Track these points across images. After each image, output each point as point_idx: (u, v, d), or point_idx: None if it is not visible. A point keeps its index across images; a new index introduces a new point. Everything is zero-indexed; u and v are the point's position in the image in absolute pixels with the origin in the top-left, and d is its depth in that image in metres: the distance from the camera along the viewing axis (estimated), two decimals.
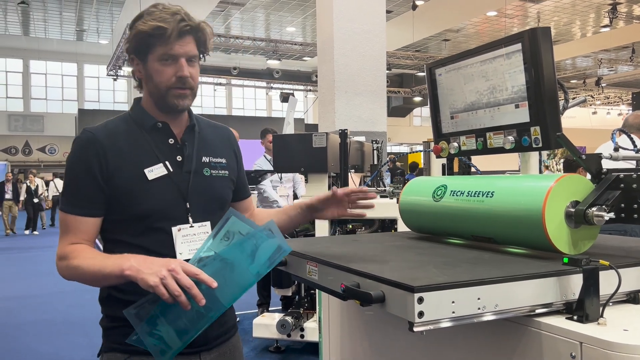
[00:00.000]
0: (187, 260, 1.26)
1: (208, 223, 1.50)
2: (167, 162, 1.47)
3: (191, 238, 1.46)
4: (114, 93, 25.51)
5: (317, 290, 3.40)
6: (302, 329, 3.99)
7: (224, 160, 1.60)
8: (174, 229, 1.44)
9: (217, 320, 1.28)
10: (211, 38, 1.53)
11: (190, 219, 1.47)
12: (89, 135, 1.44)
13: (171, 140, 1.50)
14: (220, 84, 22.57)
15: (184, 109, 1.50)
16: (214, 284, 1.17)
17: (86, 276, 1.35)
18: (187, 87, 1.46)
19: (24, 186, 15.07)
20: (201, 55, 1.52)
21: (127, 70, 18.12)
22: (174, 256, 1.41)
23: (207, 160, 1.56)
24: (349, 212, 1.62)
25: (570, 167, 4.79)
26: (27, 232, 14.86)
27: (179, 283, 1.15)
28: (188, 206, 1.47)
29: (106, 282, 1.36)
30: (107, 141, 1.44)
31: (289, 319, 3.91)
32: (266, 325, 4.15)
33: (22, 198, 14.86)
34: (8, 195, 14.69)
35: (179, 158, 1.50)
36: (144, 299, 1.24)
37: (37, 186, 15.23)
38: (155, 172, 1.45)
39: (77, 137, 1.47)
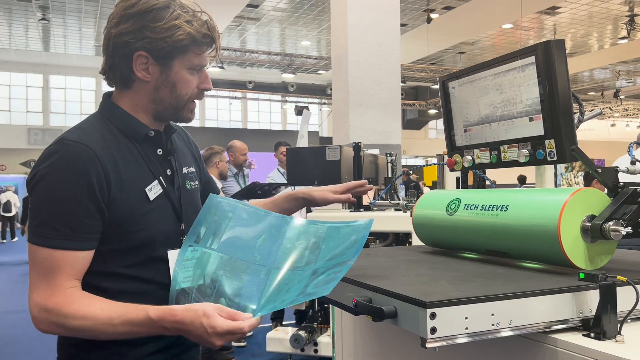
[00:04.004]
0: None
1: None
2: (160, 178, 1.26)
3: (185, 264, 1.24)
4: None
5: (330, 304, 3.37)
6: (315, 344, 3.97)
7: (193, 169, 1.41)
8: (170, 254, 1.24)
9: None
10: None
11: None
12: (85, 150, 1.15)
13: (159, 151, 1.29)
14: (235, 98, 22.82)
15: (190, 121, 1.33)
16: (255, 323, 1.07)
17: (96, 338, 1.12)
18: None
19: None
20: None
21: None
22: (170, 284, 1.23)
23: (186, 172, 1.36)
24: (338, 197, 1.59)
25: (588, 179, 4.74)
26: None
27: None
28: (182, 227, 1.28)
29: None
30: (105, 156, 1.17)
31: (302, 333, 3.89)
32: (280, 339, 4.13)
33: None
34: None
35: (168, 172, 1.29)
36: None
37: None
38: (154, 190, 1.23)
39: (64, 150, 1.15)
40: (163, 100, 1.25)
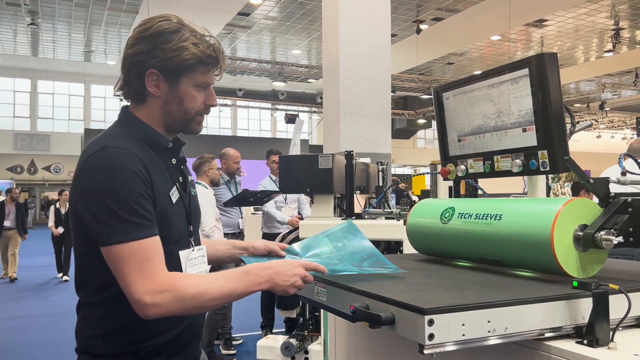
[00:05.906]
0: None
1: (204, 247, 1.46)
2: (176, 184, 1.40)
3: (193, 262, 1.40)
4: None
5: (321, 312, 3.37)
6: (306, 352, 3.95)
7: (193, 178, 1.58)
8: (182, 254, 1.37)
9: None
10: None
11: (193, 243, 1.42)
12: (129, 153, 1.27)
13: (174, 161, 1.43)
14: (225, 105, 22.78)
15: (197, 133, 1.46)
16: (325, 270, 1.28)
17: (210, 303, 1.24)
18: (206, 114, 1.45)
19: (52, 210, 10.50)
20: None
21: None
22: None
23: (190, 179, 1.52)
24: None
25: (577, 189, 4.80)
26: (59, 275, 10.30)
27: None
28: (191, 229, 1.43)
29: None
30: (142, 159, 1.30)
31: (293, 341, 3.87)
32: (270, 347, 4.12)
33: (51, 224, 10.37)
34: (9, 222, 10.22)
35: (181, 179, 1.44)
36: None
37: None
38: (174, 194, 1.37)
39: (116, 154, 1.26)
40: (172, 113, 1.38)
